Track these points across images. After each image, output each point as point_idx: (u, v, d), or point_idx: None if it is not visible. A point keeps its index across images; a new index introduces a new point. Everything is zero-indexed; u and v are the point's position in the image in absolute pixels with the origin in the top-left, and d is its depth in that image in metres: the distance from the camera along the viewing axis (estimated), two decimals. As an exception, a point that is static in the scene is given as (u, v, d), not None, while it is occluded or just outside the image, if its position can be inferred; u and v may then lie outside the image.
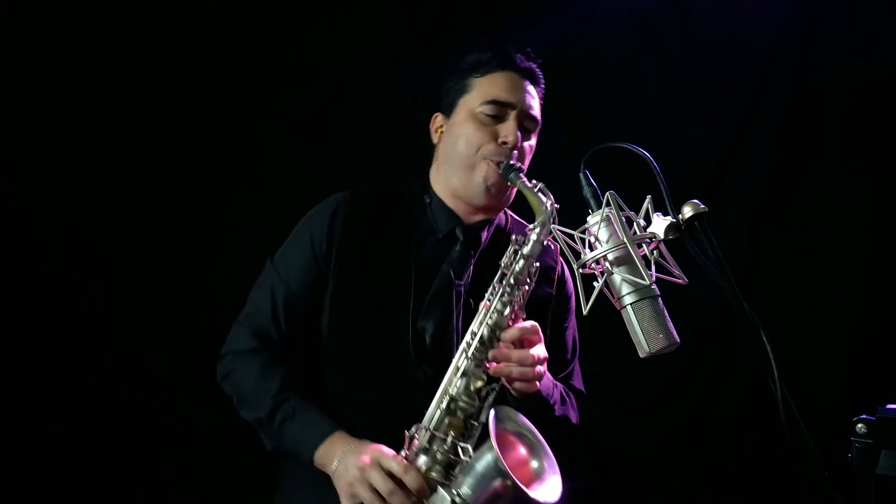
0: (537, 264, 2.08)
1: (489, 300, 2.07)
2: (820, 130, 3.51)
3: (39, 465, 2.98)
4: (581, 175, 1.84)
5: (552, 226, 1.98)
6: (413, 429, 2.01)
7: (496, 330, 2.05)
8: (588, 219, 1.78)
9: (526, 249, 2.07)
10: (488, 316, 2.05)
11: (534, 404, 2.10)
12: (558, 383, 2.25)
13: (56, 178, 3.06)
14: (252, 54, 3.32)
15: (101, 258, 3.13)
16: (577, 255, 1.76)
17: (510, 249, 2.10)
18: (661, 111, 3.58)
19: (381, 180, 2.40)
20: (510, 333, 2.05)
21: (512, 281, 2.06)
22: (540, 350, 2.08)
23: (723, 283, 1.64)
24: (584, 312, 1.69)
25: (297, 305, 2.24)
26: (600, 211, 1.74)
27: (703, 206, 1.68)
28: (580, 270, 1.74)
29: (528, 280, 2.08)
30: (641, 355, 1.71)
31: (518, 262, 2.07)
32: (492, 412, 1.94)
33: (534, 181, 2.12)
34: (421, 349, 2.17)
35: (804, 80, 3.53)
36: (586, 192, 1.84)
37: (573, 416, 2.29)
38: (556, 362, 2.26)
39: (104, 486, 3.06)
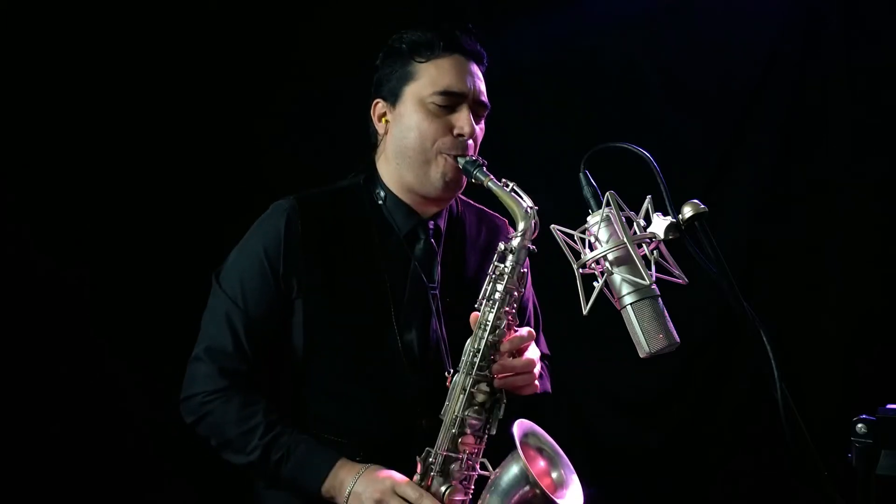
0: (525, 269, 2.00)
1: (484, 314, 1.98)
2: (820, 130, 3.52)
3: (40, 466, 2.97)
4: (581, 175, 1.84)
5: (552, 226, 1.96)
6: (424, 453, 1.96)
7: (495, 344, 1.98)
8: (588, 219, 1.78)
9: (511, 258, 1.98)
10: (487, 332, 1.97)
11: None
12: None
13: (55, 178, 3.05)
14: (250, 53, 3.32)
15: (102, 258, 3.13)
16: (577, 255, 1.76)
17: (495, 258, 2.00)
18: (661, 111, 3.58)
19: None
20: (510, 345, 1.99)
21: (503, 292, 1.97)
22: (535, 352, 2.06)
23: (723, 283, 1.64)
24: (584, 312, 1.69)
25: (260, 331, 2.10)
26: (600, 211, 1.74)
27: (703, 206, 1.68)
28: (580, 270, 1.74)
29: (517, 286, 1.99)
30: (641, 355, 1.70)
31: (506, 271, 1.97)
32: (515, 427, 1.93)
33: (504, 180, 2.03)
34: (412, 360, 2.12)
35: (804, 80, 3.53)
36: (586, 192, 1.84)
37: (549, 386, 2.27)
38: None
39: (105, 487, 3.06)
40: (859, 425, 1.68)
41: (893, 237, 3.39)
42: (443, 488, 1.95)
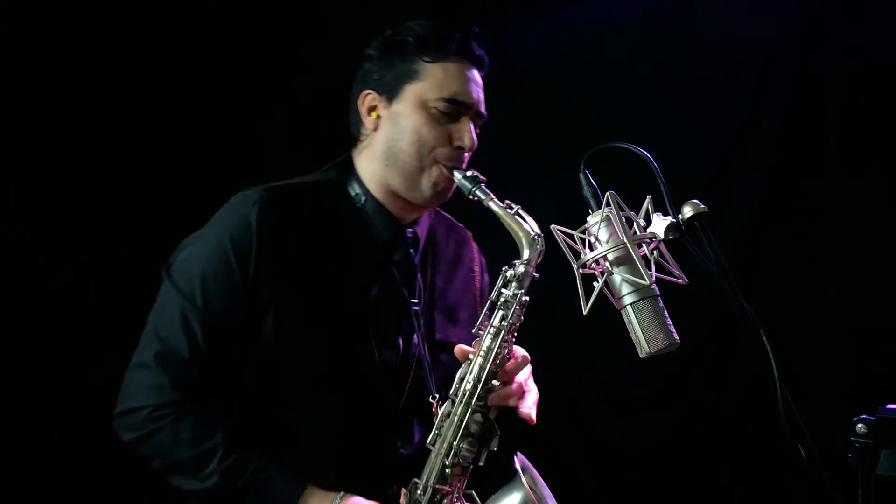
0: (527, 297, 1.91)
1: (483, 341, 1.90)
2: (820, 131, 3.51)
3: (39, 466, 2.97)
4: (581, 175, 1.84)
5: (552, 226, 1.95)
6: (411, 484, 1.87)
7: (495, 373, 1.90)
8: (588, 219, 1.78)
9: (514, 286, 1.90)
10: (489, 361, 1.89)
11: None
12: None
13: (55, 178, 3.06)
14: (250, 52, 3.32)
15: (103, 259, 3.13)
16: (577, 255, 1.76)
17: (498, 283, 1.92)
18: (661, 111, 3.58)
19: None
20: (507, 374, 1.92)
21: (506, 321, 1.90)
22: (527, 371, 1.98)
23: (723, 284, 1.64)
24: (584, 312, 1.69)
25: (220, 334, 1.88)
26: (600, 211, 1.74)
27: (703, 206, 1.68)
28: (580, 270, 1.74)
29: (519, 314, 1.91)
30: (641, 355, 1.70)
31: (509, 298, 1.90)
32: (517, 458, 1.90)
33: (507, 201, 1.94)
34: (392, 378, 2.01)
35: (804, 80, 3.53)
36: (586, 192, 1.84)
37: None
38: None
39: (104, 488, 3.06)
40: (859, 425, 1.68)
41: (894, 237, 3.39)
42: None
